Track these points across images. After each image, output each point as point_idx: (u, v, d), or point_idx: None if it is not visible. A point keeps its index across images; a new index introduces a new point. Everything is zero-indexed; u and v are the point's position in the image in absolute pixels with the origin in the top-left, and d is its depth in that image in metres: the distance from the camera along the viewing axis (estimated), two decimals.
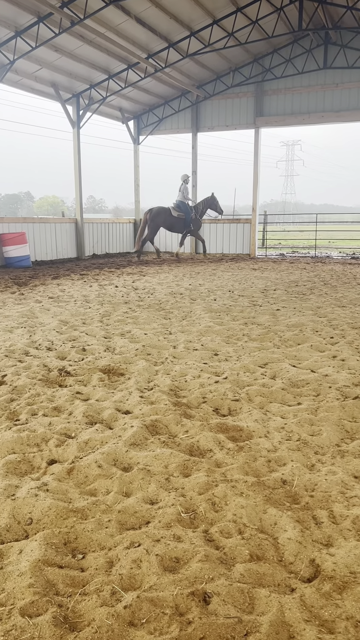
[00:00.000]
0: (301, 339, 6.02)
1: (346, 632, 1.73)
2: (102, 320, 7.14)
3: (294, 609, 1.82)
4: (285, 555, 2.17)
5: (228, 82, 17.90)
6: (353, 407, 3.78)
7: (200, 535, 2.27)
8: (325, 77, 16.64)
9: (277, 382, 4.42)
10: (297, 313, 7.63)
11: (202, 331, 6.41)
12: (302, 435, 3.35)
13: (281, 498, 2.61)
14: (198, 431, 3.38)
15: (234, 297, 9.27)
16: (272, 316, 7.42)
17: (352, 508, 2.50)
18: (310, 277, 12.37)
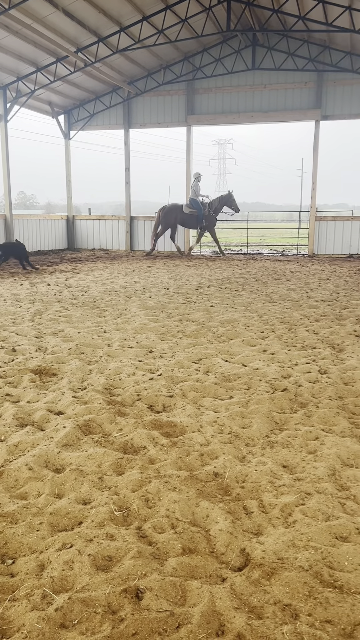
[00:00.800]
0: (233, 334, 6.14)
1: (274, 616, 1.80)
2: (33, 319, 6.97)
3: (225, 597, 1.87)
4: (217, 547, 2.22)
5: (159, 79, 17.93)
6: (282, 399, 3.91)
7: (134, 532, 2.28)
8: (254, 77, 17.02)
9: (210, 377, 4.50)
10: (230, 309, 7.78)
11: (137, 329, 6.41)
12: (234, 428, 3.43)
13: (213, 491, 2.66)
14: (132, 429, 3.38)
15: (169, 294, 9.32)
16: (206, 312, 7.53)
17: (280, 497, 2.59)
18: (242, 274, 12.64)
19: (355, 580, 1.97)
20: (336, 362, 4.92)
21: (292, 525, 2.34)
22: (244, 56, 16.71)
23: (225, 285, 10.47)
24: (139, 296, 9.00)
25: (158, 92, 18.19)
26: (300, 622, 1.76)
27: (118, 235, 19.73)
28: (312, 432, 3.35)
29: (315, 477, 2.76)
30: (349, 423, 3.52)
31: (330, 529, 2.29)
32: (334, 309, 7.72)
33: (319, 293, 9.38)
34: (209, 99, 17.80)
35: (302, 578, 1.96)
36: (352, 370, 4.62)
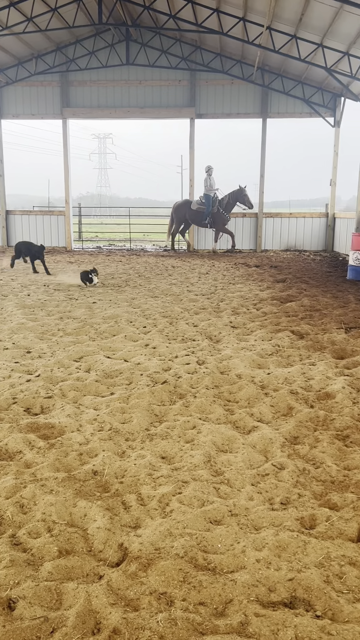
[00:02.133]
0: (116, 330, 6.13)
1: (149, 606, 1.83)
2: None
3: (101, 595, 1.86)
4: (95, 545, 2.20)
5: (31, 68, 17.26)
6: (162, 391, 3.98)
7: (7, 541, 2.19)
8: (128, 73, 17.01)
9: (91, 375, 4.45)
10: (113, 305, 7.75)
11: (14, 329, 6.15)
12: (114, 424, 3.42)
13: (92, 489, 2.64)
14: (7, 434, 3.24)
15: (50, 291, 9.05)
16: (88, 309, 7.43)
17: (158, 488, 2.64)
18: (125, 270, 12.65)
19: (227, 561, 2.07)
20: (213, 353, 5.11)
21: (169, 514, 2.40)
22: (118, 51, 16.64)
23: (109, 281, 10.41)
24: (16, 294, 8.64)
25: (31, 82, 17.50)
26: (175, 608, 1.81)
27: None
28: (190, 422, 3.45)
29: (192, 465, 2.85)
30: (224, 410, 3.68)
31: (205, 514, 2.38)
32: (212, 302, 8.00)
33: (199, 287, 9.67)
34: (84, 92, 17.49)
35: (178, 565, 2.02)
36: (227, 360, 4.83)
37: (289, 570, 2.00)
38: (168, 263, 14.24)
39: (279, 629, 1.72)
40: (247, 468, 2.84)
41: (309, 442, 3.17)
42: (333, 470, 2.78)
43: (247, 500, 2.51)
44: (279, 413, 3.69)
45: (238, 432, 3.34)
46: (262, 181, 17.29)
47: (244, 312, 7.20)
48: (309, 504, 2.49)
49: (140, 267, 13.30)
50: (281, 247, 17.85)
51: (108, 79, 17.11)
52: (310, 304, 7.70)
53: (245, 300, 8.09)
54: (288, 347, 5.34)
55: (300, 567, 2.02)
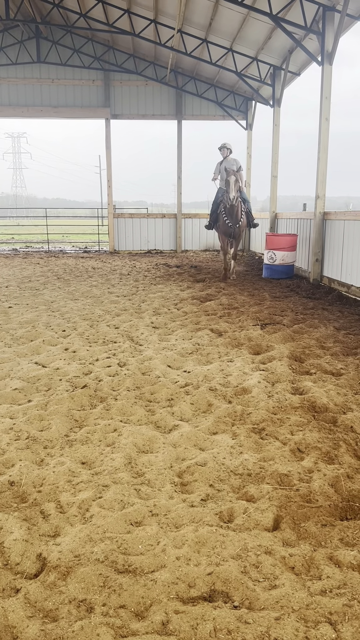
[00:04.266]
0: (34, 335, 5.96)
1: (69, 615, 1.80)
2: None
3: (18, 609, 1.81)
4: (12, 557, 2.13)
5: None
6: (81, 396, 3.93)
7: None
8: (40, 71, 16.60)
9: (7, 383, 4.30)
10: (30, 309, 7.54)
11: None
12: (32, 432, 3.33)
13: (8, 501, 2.55)
14: None
15: None
16: (4, 314, 7.17)
17: (78, 494, 2.60)
18: (43, 272, 12.34)
19: (148, 561, 2.08)
20: (135, 354, 5.11)
21: (90, 520, 2.37)
22: (28, 48, 16.18)
23: (25, 285, 10.11)
24: None
25: None
26: (95, 614, 1.80)
27: None
28: (111, 425, 3.43)
29: (113, 468, 2.83)
30: (145, 411, 3.69)
31: (126, 516, 2.37)
32: (134, 303, 7.99)
33: (120, 288, 9.62)
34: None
35: (98, 570, 2.00)
36: (149, 360, 4.84)
37: (208, 564, 2.04)
38: (88, 264, 14.06)
39: (198, 623, 1.75)
40: (168, 467, 2.86)
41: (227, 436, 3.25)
42: (250, 463, 2.87)
43: (168, 499, 2.53)
44: (199, 410, 3.75)
45: (159, 431, 3.36)
46: (179, 182, 17.50)
47: (165, 312, 7.26)
48: (228, 498, 2.56)
49: (59, 269, 13.03)
50: (200, 248, 18.16)
51: (19, 76, 16.61)
52: (229, 302, 7.90)
53: (166, 301, 8.15)
54: (207, 345, 5.44)
55: (219, 560, 2.06)
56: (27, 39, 16.06)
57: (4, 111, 16.84)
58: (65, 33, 15.81)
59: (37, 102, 16.85)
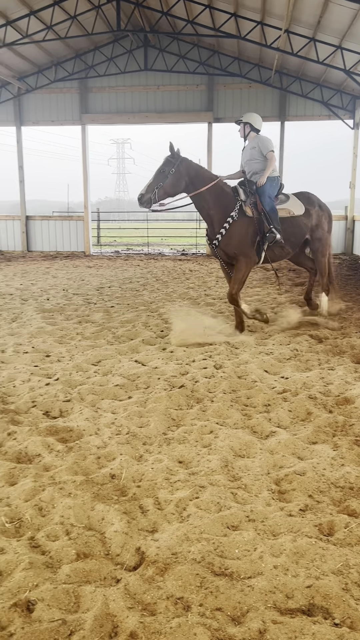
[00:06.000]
0: (133, 334, 6.15)
1: (166, 611, 1.83)
2: None
3: (118, 599, 1.87)
4: (112, 548, 2.21)
5: (51, 76, 17.48)
6: (178, 395, 3.98)
7: (25, 543, 2.21)
8: (147, 78, 17.11)
9: (109, 379, 4.47)
10: (131, 309, 7.79)
11: (34, 333, 6.21)
12: (131, 428, 3.44)
13: (109, 493, 2.65)
14: (26, 437, 3.28)
15: (68, 295, 9.13)
16: (106, 313, 7.47)
17: (175, 492, 2.64)
18: (143, 274, 12.70)
19: (244, 566, 2.06)
20: (230, 357, 5.09)
21: (187, 519, 2.40)
22: (136, 56, 16.75)
23: (127, 285, 10.46)
24: (35, 299, 8.73)
25: (51, 89, 17.72)
26: (191, 613, 1.81)
27: (14, 236, 18.98)
28: (207, 426, 3.45)
29: (209, 470, 2.85)
30: (241, 415, 3.67)
31: (222, 519, 2.37)
32: (230, 306, 7.98)
33: (216, 291, 9.65)
34: (102, 98, 17.65)
35: (195, 570, 2.02)
36: (245, 364, 4.81)
37: (306, 577, 1.98)
38: (185, 267, 14.26)
39: (296, 636, 1.70)
40: (265, 474, 2.82)
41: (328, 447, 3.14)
42: (352, 476, 2.75)
43: (265, 506, 2.49)
44: (297, 418, 3.66)
45: (255, 437, 3.32)
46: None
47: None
48: (328, 510, 2.47)
49: (157, 271, 13.34)
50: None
51: (126, 84, 17.25)
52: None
53: (263, 304, 8.05)
54: (306, 351, 5.30)
55: (319, 574, 2.00)
56: (135, 48, 16.63)
57: (112, 118, 17.56)
58: (172, 40, 16.16)
59: (142, 109, 17.39)
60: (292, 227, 6.30)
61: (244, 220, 5.93)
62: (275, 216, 6.02)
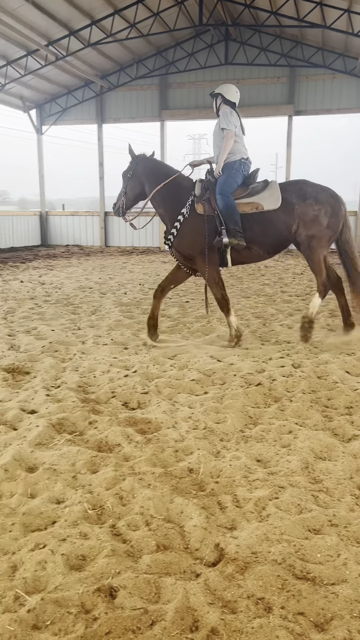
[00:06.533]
0: (208, 330, 6.15)
1: (247, 610, 1.81)
2: (5, 317, 6.86)
3: (199, 593, 1.87)
4: (191, 542, 2.22)
5: (132, 73, 17.80)
6: (256, 393, 3.93)
7: (107, 530, 2.27)
8: (227, 72, 17.01)
9: (185, 373, 4.50)
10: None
11: (112, 325, 6.37)
12: (208, 423, 3.43)
13: (188, 487, 2.66)
14: (107, 426, 3.36)
15: (145, 290, 9.29)
16: (181, 308, 7.52)
17: (254, 491, 2.61)
18: None
19: (327, 572, 2.00)
20: (310, 356, 4.96)
21: (266, 519, 2.36)
22: (217, 51, 16.69)
23: (201, 281, 10.47)
24: (114, 292, 8.95)
25: (131, 86, 18.06)
26: (273, 615, 1.78)
27: (93, 231, 19.57)
28: (286, 426, 3.38)
29: (289, 470, 2.79)
30: (322, 416, 3.56)
31: (304, 522, 2.32)
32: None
33: (293, 288, 9.46)
34: (182, 93, 17.75)
35: (275, 571, 1.98)
36: (324, 364, 4.67)
37: None
38: (261, 263, 14.07)
39: None
40: (348, 478, 2.73)
41: None
42: None
43: (348, 512, 2.41)
44: None
45: (337, 439, 3.22)
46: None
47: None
48: None
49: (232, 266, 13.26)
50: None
51: (206, 79, 17.24)
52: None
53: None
54: None
55: None
56: (216, 43, 16.57)
57: (191, 114, 17.63)
58: (254, 33, 15.95)
59: None
60: (260, 224, 5.24)
61: (195, 218, 5.31)
62: (231, 214, 5.15)
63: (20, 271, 12.22)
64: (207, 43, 16.71)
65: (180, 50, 17.10)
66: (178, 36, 16.78)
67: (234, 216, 5.15)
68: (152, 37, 15.69)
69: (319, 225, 5.21)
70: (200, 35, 16.70)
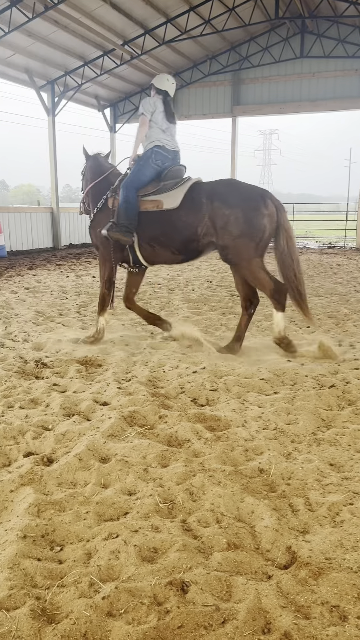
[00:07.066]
0: None
1: (321, 617, 1.76)
2: (79, 311, 7.08)
3: (271, 595, 1.85)
4: (262, 543, 2.19)
5: (205, 70, 17.80)
6: (329, 395, 3.83)
7: (178, 525, 2.29)
8: (302, 66, 16.65)
9: (254, 372, 4.45)
10: None
11: (180, 321, 6.41)
12: (279, 424, 3.38)
13: (258, 487, 2.63)
14: (176, 421, 3.39)
15: (212, 287, 9.28)
16: None
17: (327, 495, 2.54)
18: None
19: None
20: None
21: (340, 525, 2.30)
22: (292, 44, 16.36)
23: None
24: (181, 289, 9.01)
25: (204, 83, 18.07)
26: (349, 624, 1.73)
27: None
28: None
29: None
30: None
31: None
32: None
33: None
34: (255, 89, 17.55)
35: (351, 580, 1.92)
36: None
37: None
38: (332, 261, 13.69)
39: None
40: None
41: None
42: None
43: None
44: None
45: None
46: None
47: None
48: None
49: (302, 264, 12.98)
50: None
51: (280, 74, 16.96)
52: None
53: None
54: None
55: None
56: (291, 36, 16.25)
57: (263, 109, 17.41)
58: (332, 24, 15.50)
59: (295, 98, 16.97)
60: (160, 224, 4.98)
61: (105, 211, 5.25)
62: (126, 210, 4.98)
63: (92, 267, 12.56)
64: (282, 36, 16.41)
65: (254, 44, 16.91)
66: (252, 31, 16.60)
67: (128, 212, 4.99)
68: (226, 32, 15.61)
69: (229, 235, 4.72)
70: (275, 29, 16.43)
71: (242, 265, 4.85)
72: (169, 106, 5.30)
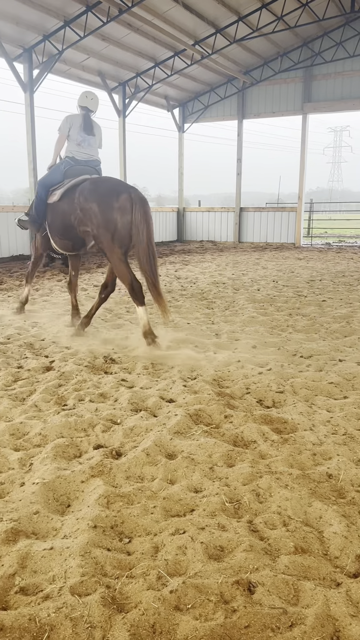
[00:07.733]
0: (348, 331, 5.90)
1: None
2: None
3: (340, 603, 1.81)
4: (331, 550, 2.16)
5: (276, 67, 17.56)
6: None
7: (245, 525, 2.29)
8: None
9: (323, 375, 4.36)
10: (344, 304, 7.48)
11: (246, 321, 6.38)
12: (349, 429, 3.30)
13: (327, 492, 2.59)
14: (242, 422, 3.38)
15: (278, 287, 9.16)
16: (318, 307, 7.30)
17: None
18: (357, 268, 12.08)
19: None
20: None
21: None
22: None
23: (339, 279, 10.08)
24: (247, 289, 8.95)
25: (274, 80, 17.83)
26: None
27: (227, 227, 19.74)
28: None
29: None
30: None
31: None
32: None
33: None
34: (327, 85, 17.13)
35: None
36: None
37: None
38: None
39: None
40: None
41: None
42: None
43: None
44: None
45: None
46: None
47: None
48: None
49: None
50: None
51: (355, 68, 16.46)
52: None
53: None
54: None
55: None
56: None
57: (335, 106, 16.96)
58: None
59: None
60: (51, 214, 5.86)
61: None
62: (36, 201, 6.01)
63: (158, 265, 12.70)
64: (357, 30, 15.92)
65: (327, 40, 16.51)
66: (326, 25, 16.20)
67: (37, 203, 5.97)
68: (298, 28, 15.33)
69: (92, 225, 5.22)
70: (350, 23, 15.95)
71: (107, 254, 5.28)
72: (88, 120, 6.01)
